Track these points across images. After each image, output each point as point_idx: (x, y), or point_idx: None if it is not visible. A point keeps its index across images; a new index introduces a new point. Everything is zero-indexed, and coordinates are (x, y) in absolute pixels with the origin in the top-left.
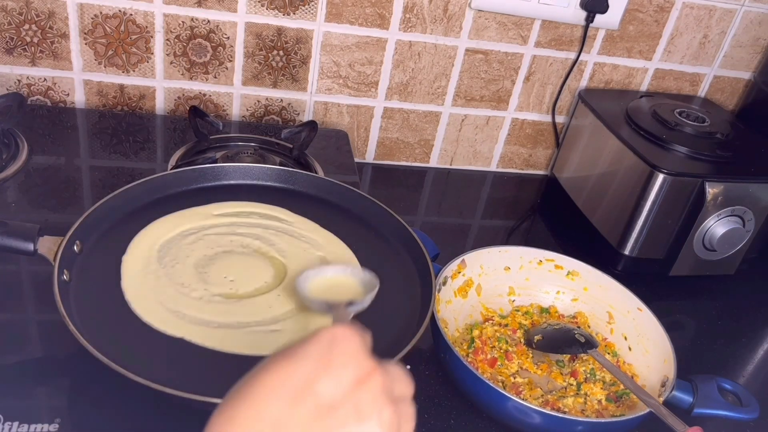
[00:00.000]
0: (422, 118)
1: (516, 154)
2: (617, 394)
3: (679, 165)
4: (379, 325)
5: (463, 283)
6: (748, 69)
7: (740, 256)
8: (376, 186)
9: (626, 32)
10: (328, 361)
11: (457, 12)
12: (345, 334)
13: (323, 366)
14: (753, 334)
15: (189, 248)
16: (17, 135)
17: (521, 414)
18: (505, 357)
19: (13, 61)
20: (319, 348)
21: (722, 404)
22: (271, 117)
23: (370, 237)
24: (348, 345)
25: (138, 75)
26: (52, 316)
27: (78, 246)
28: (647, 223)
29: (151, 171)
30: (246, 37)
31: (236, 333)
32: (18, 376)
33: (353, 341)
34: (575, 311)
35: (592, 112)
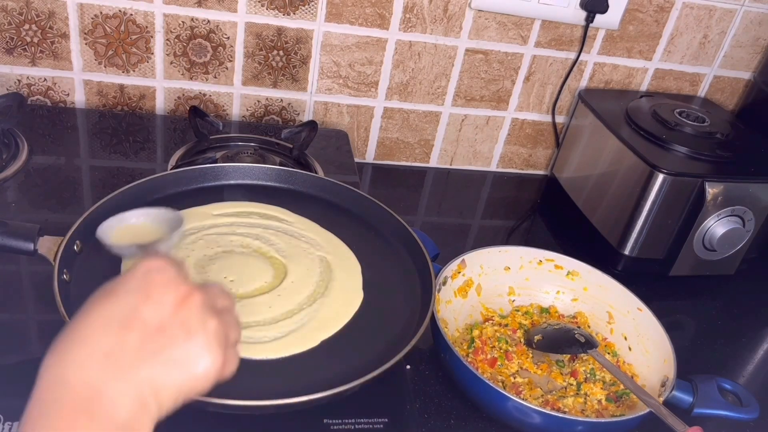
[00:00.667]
0: (422, 118)
1: (516, 154)
2: (617, 394)
3: (679, 165)
4: (379, 325)
5: (463, 283)
6: (748, 69)
7: (740, 256)
8: (376, 186)
9: (626, 32)
10: (147, 290)
11: (457, 12)
12: (159, 264)
13: (144, 295)
14: (753, 334)
15: (189, 248)
16: (17, 135)
17: (521, 414)
18: (505, 357)
19: (13, 61)
20: (137, 281)
21: (722, 404)
22: (271, 117)
23: (370, 237)
24: (164, 274)
25: (138, 75)
26: (52, 316)
27: (78, 246)
28: (647, 223)
29: (151, 171)
30: (246, 37)
31: None
32: (18, 376)
33: (168, 270)
34: (575, 311)
35: (592, 112)
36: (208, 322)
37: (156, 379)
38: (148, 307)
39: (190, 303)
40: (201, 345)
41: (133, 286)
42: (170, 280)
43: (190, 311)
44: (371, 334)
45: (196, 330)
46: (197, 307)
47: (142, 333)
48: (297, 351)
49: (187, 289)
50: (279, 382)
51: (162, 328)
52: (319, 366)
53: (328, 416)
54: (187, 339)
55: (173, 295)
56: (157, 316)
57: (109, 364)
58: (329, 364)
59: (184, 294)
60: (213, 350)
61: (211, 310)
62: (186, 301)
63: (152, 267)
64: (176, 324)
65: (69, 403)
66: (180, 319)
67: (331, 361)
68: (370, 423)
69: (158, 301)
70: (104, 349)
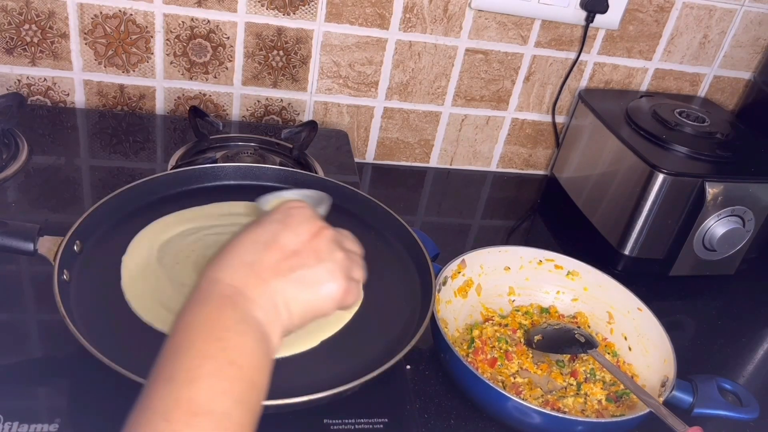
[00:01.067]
0: (422, 118)
1: (516, 154)
2: (617, 394)
3: (679, 165)
4: (379, 325)
5: (463, 283)
6: (748, 69)
7: (740, 256)
8: (376, 186)
9: (626, 32)
10: (287, 222)
11: (457, 12)
12: (299, 204)
13: (284, 225)
14: (753, 334)
15: (189, 248)
16: (17, 135)
17: (521, 414)
18: (505, 357)
19: (13, 61)
20: (280, 214)
21: (722, 404)
22: (271, 117)
23: (370, 237)
24: (302, 211)
25: (138, 75)
26: (52, 316)
27: (78, 246)
28: (647, 223)
29: (151, 171)
30: (246, 37)
31: None
32: (18, 376)
33: (306, 209)
34: (575, 311)
35: (592, 112)
36: (335, 253)
37: (287, 292)
38: (287, 234)
39: (322, 235)
40: (328, 270)
41: (276, 218)
42: (307, 217)
43: (322, 242)
44: (371, 334)
45: (325, 257)
46: (328, 240)
47: (280, 254)
48: (297, 351)
49: (320, 225)
50: (279, 382)
51: (296, 252)
52: (319, 366)
53: (328, 416)
54: (317, 263)
55: (308, 228)
56: (293, 242)
57: (251, 272)
58: (329, 364)
59: (318, 228)
60: (337, 277)
61: (339, 245)
62: (319, 234)
63: (293, 205)
64: (308, 249)
65: (217, 296)
66: (312, 246)
67: (331, 361)
68: (370, 423)
69: (295, 230)
70: (248, 261)
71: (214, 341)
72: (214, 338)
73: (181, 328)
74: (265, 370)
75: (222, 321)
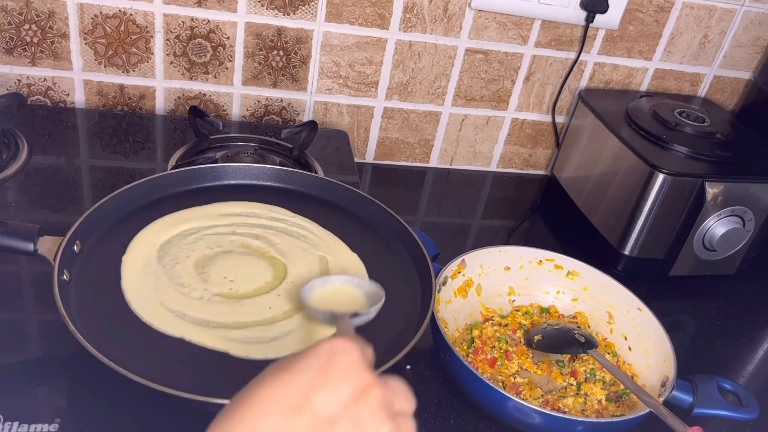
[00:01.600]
0: (422, 118)
1: (516, 154)
2: (617, 394)
3: (679, 165)
4: (379, 325)
5: (463, 283)
6: (748, 69)
7: (740, 256)
8: (376, 186)
9: (626, 32)
10: (326, 374)
11: (457, 12)
12: (345, 347)
13: (322, 379)
14: (753, 334)
15: (189, 248)
16: (17, 135)
17: (521, 414)
18: (505, 357)
19: (13, 61)
20: (318, 360)
21: (722, 404)
22: (271, 117)
23: (370, 237)
24: (347, 358)
25: (138, 75)
26: (52, 316)
27: (78, 246)
28: (647, 223)
29: (151, 171)
30: (246, 37)
31: (236, 333)
32: (18, 376)
33: (353, 354)
34: (575, 311)
35: (592, 112)
36: (382, 424)
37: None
38: (323, 394)
39: (367, 398)
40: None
41: (312, 366)
42: (353, 367)
43: (366, 407)
44: (371, 334)
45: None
46: (374, 404)
47: (311, 422)
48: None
49: (368, 381)
50: None
51: (332, 420)
52: None
53: None
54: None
55: (352, 386)
56: (329, 405)
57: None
58: None
59: (364, 386)
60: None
61: (387, 411)
62: (364, 396)
63: (337, 348)
64: (348, 419)
65: None
66: (353, 414)
67: None
68: None
69: (334, 389)
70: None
71: None
72: None
73: None
74: None
75: None
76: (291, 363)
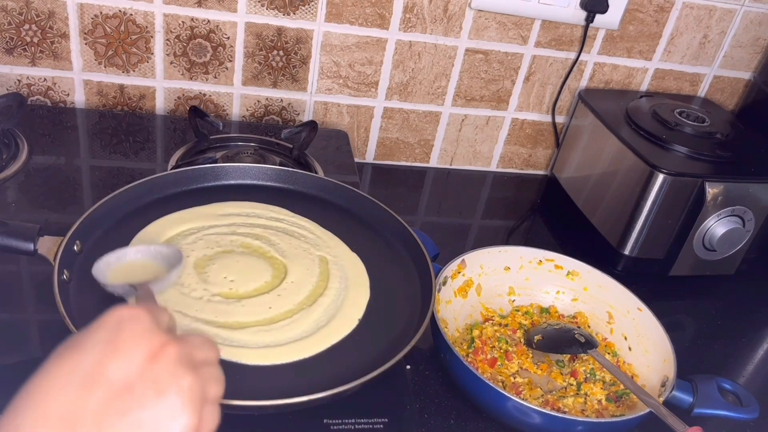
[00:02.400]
0: (422, 118)
1: (516, 154)
2: (617, 394)
3: (679, 165)
4: (379, 325)
5: (463, 283)
6: (748, 69)
7: (740, 256)
8: (376, 186)
9: (626, 32)
10: (116, 343)
11: (457, 12)
12: (132, 313)
13: (111, 349)
14: (753, 334)
15: (189, 248)
16: (17, 135)
17: (521, 414)
18: (505, 357)
19: (13, 61)
20: (105, 332)
21: (722, 404)
22: (271, 117)
23: (370, 237)
24: (137, 324)
25: (138, 75)
26: (52, 316)
27: (78, 246)
28: (647, 223)
29: (151, 171)
30: (246, 37)
31: (236, 333)
32: (18, 376)
33: (142, 320)
34: (575, 311)
35: (592, 112)
36: (182, 378)
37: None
38: (115, 362)
39: (162, 357)
40: (173, 405)
41: (100, 338)
42: (143, 331)
43: (162, 366)
44: (371, 334)
45: (168, 388)
46: (171, 361)
47: (106, 392)
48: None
49: (160, 341)
50: (279, 382)
51: (129, 386)
52: (319, 366)
53: (328, 416)
54: (158, 399)
55: (145, 349)
56: (124, 372)
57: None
58: (329, 364)
59: (157, 347)
60: (187, 411)
61: (187, 364)
62: (158, 355)
63: (124, 316)
64: (146, 382)
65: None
66: (150, 376)
67: (331, 361)
68: (370, 423)
69: (127, 355)
70: (61, 412)
71: None
72: None
73: None
74: None
75: None
76: (79, 338)
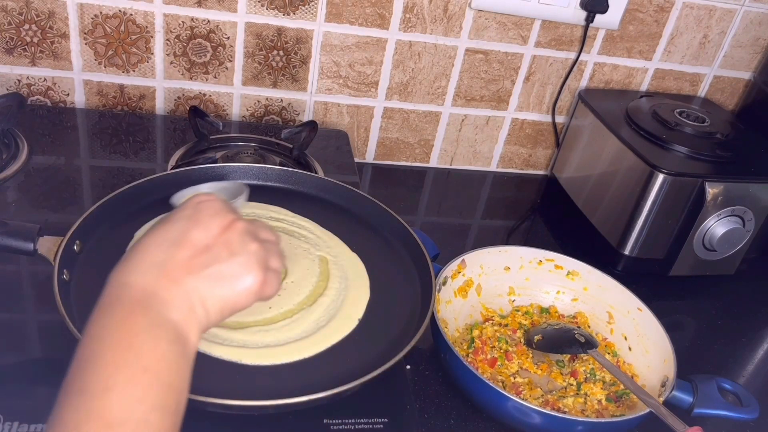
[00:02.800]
0: (422, 118)
1: (516, 154)
2: (617, 394)
3: (679, 165)
4: (379, 325)
5: (463, 283)
6: (748, 69)
7: (740, 256)
8: (376, 186)
9: (626, 32)
10: (196, 218)
11: (457, 12)
12: (208, 197)
13: (193, 222)
14: (753, 334)
15: None
16: (17, 135)
17: (521, 414)
18: (505, 357)
19: (13, 61)
20: (188, 210)
21: (722, 404)
22: (271, 117)
23: (370, 237)
24: (211, 204)
25: (138, 75)
26: (52, 316)
27: (78, 246)
28: (647, 223)
29: (151, 171)
30: (246, 37)
31: (236, 333)
32: (18, 376)
33: (216, 202)
34: (575, 311)
35: (592, 112)
36: (249, 244)
37: (202, 290)
38: (196, 231)
39: (233, 228)
40: (242, 263)
41: (184, 215)
42: (217, 210)
43: (233, 235)
44: (371, 334)
45: (238, 250)
46: (240, 232)
47: (191, 250)
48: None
49: (231, 218)
50: (279, 383)
51: (208, 247)
52: (319, 366)
53: (328, 416)
54: (230, 257)
55: (219, 221)
56: (203, 237)
57: (162, 272)
58: (329, 364)
59: (229, 221)
60: (253, 269)
61: (253, 236)
62: (230, 227)
63: (201, 199)
64: (220, 244)
65: (128, 301)
66: (224, 240)
67: (331, 361)
68: (370, 423)
69: (205, 225)
70: (158, 260)
71: (125, 349)
72: (125, 346)
73: (91, 338)
74: (183, 372)
75: (133, 327)
76: (166, 218)
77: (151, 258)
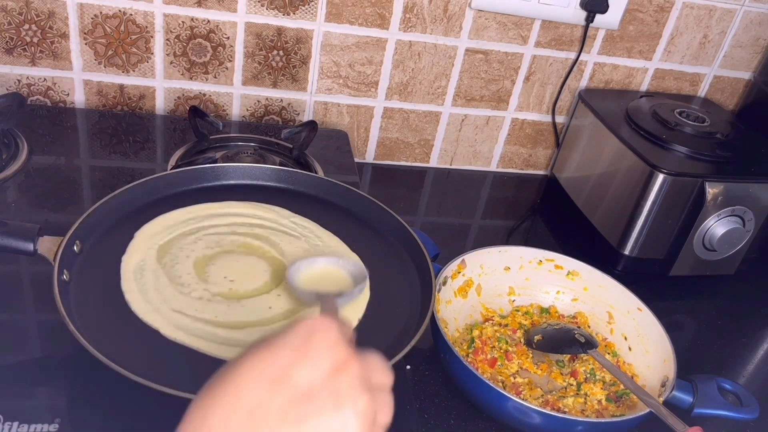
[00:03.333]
0: (422, 118)
1: (516, 154)
2: (617, 394)
3: (679, 165)
4: (379, 325)
5: (463, 283)
6: (748, 69)
7: (740, 256)
8: (376, 186)
9: (626, 32)
10: (305, 350)
11: (457, 12)
12: (323, 325)
13: (301, 355)
14: (753, 334)
15: (189, 248)
16: (17, 135)
17: (521, 414)
18: (505, 357)
19: (13, 61)
20: (297, 338)
21: (722, 404)
22: (271, 117)
23: (370, 237)
24: (326, 335)
25: (138, 75)
26: (52, 316)
27: (78, 246)
28: (647, 223)
29: (151, 171)
30: (246, 37)
31: (236, 333)
32: (18, 376)
33: (331, 332)
34: (575, 311)
35: (592, 112)
36: (359, 397)
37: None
38: (303, 368)
39: (345, 372)
40: (347, 421)
41: (292, 343)
42: (331, 344)
43: (344, 381)
44: (371, 334)
45: (346, 404)
46: (352, 378)
47: (290, 395)
48: None
49: (346, 356)
50: None
51: (311, 394)
52: None
53: None
54: (335, 412)
55: (330, 361)
56: (308, 379)
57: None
58: None
59: (342, 361)
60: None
61: (365, 384)
62: (342, 370)
63: (316, 327)
64: (326, 392)
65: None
66: (331, 387)
67: None
68: None
69: (314, 363)
70: (250, 405)
71: None
72: None
73: None
74: None
75: None
76: (271, 341)
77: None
